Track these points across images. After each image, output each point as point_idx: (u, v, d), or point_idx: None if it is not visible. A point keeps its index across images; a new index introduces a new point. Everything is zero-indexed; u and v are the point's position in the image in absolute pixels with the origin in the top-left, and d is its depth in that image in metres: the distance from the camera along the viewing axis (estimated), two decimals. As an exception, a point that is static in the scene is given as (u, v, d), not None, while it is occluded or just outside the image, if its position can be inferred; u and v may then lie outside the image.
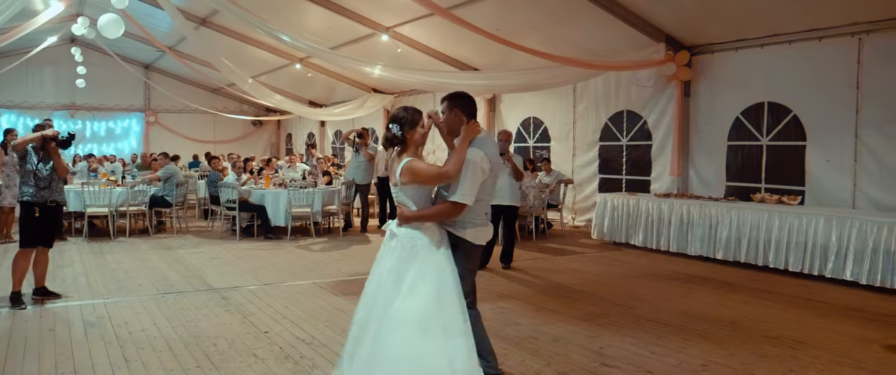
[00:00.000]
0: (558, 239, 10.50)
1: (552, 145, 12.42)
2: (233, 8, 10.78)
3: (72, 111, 19.95)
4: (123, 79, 19.61)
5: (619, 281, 7.39)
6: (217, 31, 15.17)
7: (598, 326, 5.56)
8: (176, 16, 11.07)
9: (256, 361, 4.62)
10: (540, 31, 10.62)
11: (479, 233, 3.84)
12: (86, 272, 6.93)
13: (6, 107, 18.95)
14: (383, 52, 12.93)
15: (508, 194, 8.05)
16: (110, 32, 10.40)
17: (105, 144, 20.54)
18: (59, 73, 18.87)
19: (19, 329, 5.30)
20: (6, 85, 18.72)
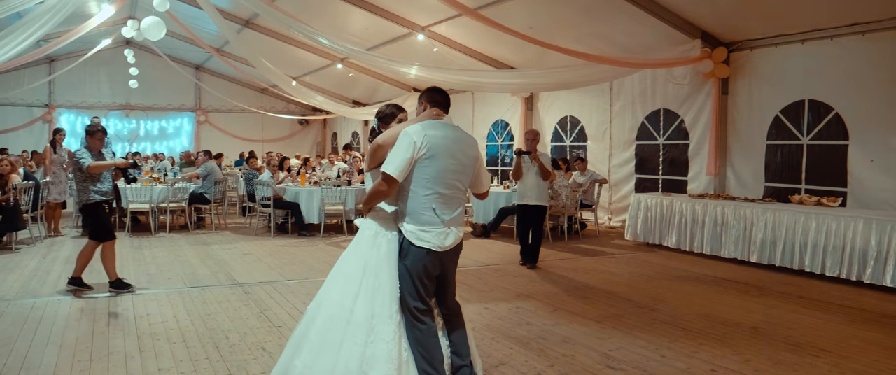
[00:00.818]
0: (591, 240, 10.34)
1: (589, 144, 12.25)
2: (271, 11, 11.03)
3: (126, 111, 20.72)
4: (175, 80, 20.26)
5: (643, 283, 7.23)
6: (260, 32, 15.51)
7: (611, 328, 5.45)
8: (217, 19, 11.39)
9: (263, 354, 4.70)
10: (574, 28, 10.50)
11: (426, 234, 3.49)
12: (121, 265, 7.16)
13: (65, 107, 19.83)
14: (420, 52, 12.99)
15: (535, 194, 8.01)
16: (153, 34, 10.76)
17: (158, 143, 21.26)
18: (114, 75, 19.63)
19: (48, 318, 5.53)
20: (66, 86, 19.60)
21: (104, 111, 20.25)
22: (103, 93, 20.38)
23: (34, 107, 19.38)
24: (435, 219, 3.51)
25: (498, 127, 14.69)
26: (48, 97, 19.66)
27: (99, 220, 6.49)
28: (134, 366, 4.44)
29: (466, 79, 12.19)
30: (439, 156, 3.49)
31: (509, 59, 12.67)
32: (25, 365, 4.43)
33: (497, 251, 9.27)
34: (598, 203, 10.97)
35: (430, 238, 3.51)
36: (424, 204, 3.51)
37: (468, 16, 9.94)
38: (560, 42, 10.68)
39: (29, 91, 18.55)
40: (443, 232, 3.54)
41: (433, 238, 3.51)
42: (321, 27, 13.58)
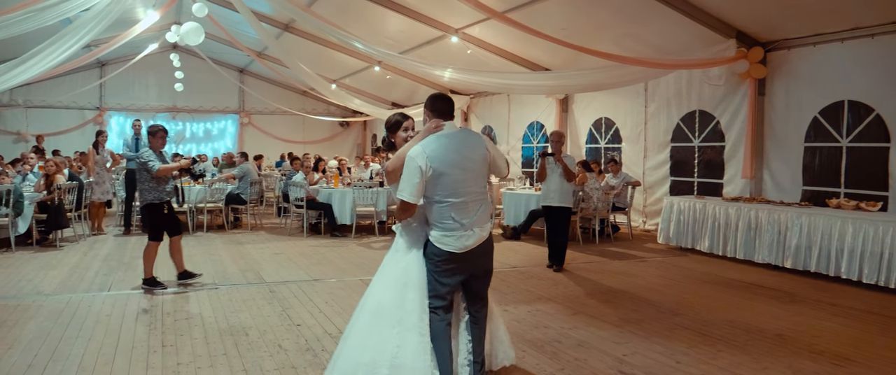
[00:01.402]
0: (623, 243, 10.21)
1: (623, 146, 12.10)
2: (307, 16, 11.24)
3: (173, 113, 21.33)
4: (220, 83, 20.75)
5: (670, 288, 7.12)
6: (300, 36, 15.78)
7: (629, 333, 5.39)
8: (255, 24, 11.66)
9: (279, 351, 4.81)
10: (608, 29, 10.39)
11: (447, 238, 3.69)
12: (157, 264, 7.38)
13: (115, 109, 20.53)
14: (454, 54, 13.03)
15: (558, 195, 8.01)
16: (191, 39, 11.06)
17: (203, 144, 21.82)
18: (161, 78, 20.22)
19: (81, 313, 5.76)
20: (116, 89, 20.29)
21: (152, 113, 20.88)
22: (151, 96, 21.03)
23: (86, 109, 20.11)
24: (455, 225, 3.69)
25: (533, 129, 14.63)
26: (99, 100, 20.38)
27: (152, 221, 6.78)
28: (154, 360, 4.60)
29: (499, 82, 12.19)
30: (446, 171, 3.64)
31: (544, 60, 12.60)
32: (54, 357, 4.63)
33: (525, 253, 9.24)
34: (631, 205, 10.82)
35: (451, 241, 3.69)
36: (444, 213, 3.70)
37: (496, 19, 9.97)
38: (594, 43, 10.59)
39: (81, 94, 19.28)
40: (464, 235, 3.70)
41: (454, 241, 3.69)
42: (358, 31, 13.77)
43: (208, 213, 11.20)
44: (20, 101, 19.17)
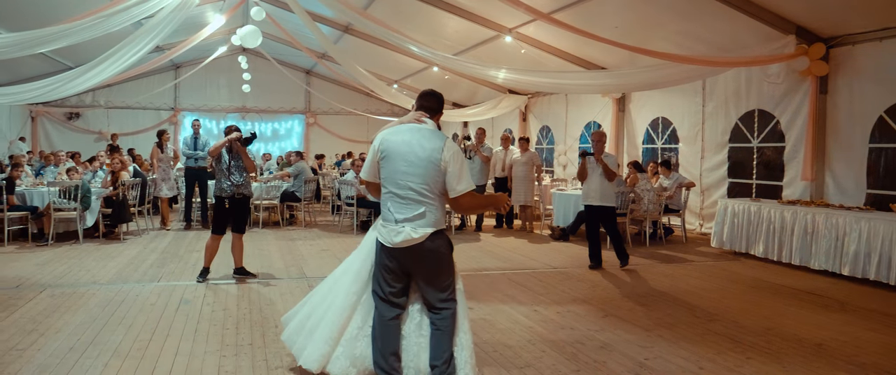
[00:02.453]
0: (675, 246, 9.93)
1: (680, 147, 11.76)
2: (363, 20, 11.45)
3: (243, 113, 22.11)
4: (287, 84, 21.37)
5: (712, 293, 6.88)
6: (361, 38, 16.07)
7: (657, 337, 5.26)
8: (313, 29, 11.98)
9: (302, 344, 4.94)
10: (661, 27, 10.15)
11: (382, 229, 3.76)
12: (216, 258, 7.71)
13: (189, 110, 21.47)
14: (509, 54, 13.00)
15: (598, 194, 7.98)
16: (250, 42, 11.47)
17: (271, 143, 22.52)
18: (232, 79, 21.01)
19: (128, 302, 6.09)
20: (189, 90, 21.23)
21: (223, 113, 21.74)
22: (222, 97, 21.87)
23: (162, 110, 21.13)
24: (389, 216, 3.75)
25: (590, 129, 14.40)
26: (174, 101, 21.37)
27: (216, 214, 7.11)
28: (184, 347, 4.82)
29: (552, 81, 12.08)
30: (391, 158, 3.74)
31: (599, 58, 12.39)
32: (94, 342, 4.92)
33: (569, 255, 9.13)
34: (685, 208, 10.50)
35: (383, 233, 3.76)
36: (385, 202, 3.81)
37: (542, 20, 9.89)
38: (648, 41, 10.40)
39: (157, 95, 20.28)
40: (394, 230, 3.70)
41: (386, 233, 3.74)
42: (414, 32, 13.93)
43: (264, 210, 11.58)
44: (101, 102, 20.34)
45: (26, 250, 8.72)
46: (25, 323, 5.37)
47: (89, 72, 10.81)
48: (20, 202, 9.23)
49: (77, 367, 4.39)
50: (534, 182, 11.50)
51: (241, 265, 7.24)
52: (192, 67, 19.29)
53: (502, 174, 11.75)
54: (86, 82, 11.08)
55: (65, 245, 9.10)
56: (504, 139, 12.14)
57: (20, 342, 4.90)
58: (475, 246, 9.75)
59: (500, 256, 8.95)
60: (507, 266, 8.24)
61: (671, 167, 10.77)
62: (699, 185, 11.08)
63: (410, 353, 3.88)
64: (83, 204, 9.16)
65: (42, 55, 14.02)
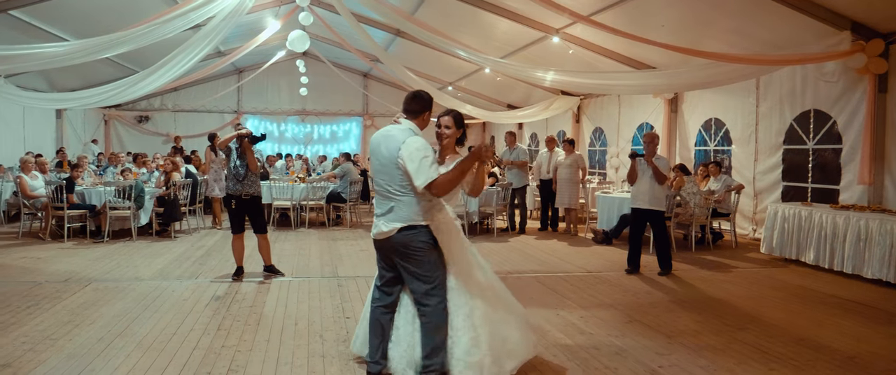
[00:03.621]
0: (722, 252, 9.58)
1: (733, 149, 11.33)
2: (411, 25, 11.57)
3: (302, 116, 22.67)
4: (345, 87, 21.77)
5: (749, 301, 6.60)
6: (413, 41, 16.20)
7: (679, 344, 5.09)
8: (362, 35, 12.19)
9: (318, 341, 5.05)
10: (709, 25, 9.84)
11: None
12: (248, 255, 7.96)
13: (251, 112, 22.18)
14: (558, 54, 12.84)
15: (647, 197, 7.83)
16: (298, 46, 11.76)
17: (329, 145, 23.00)
18: (292, 83, 21.57)
19: (163, 297, 6.35)
20: (251, 94, 21.94)
21: (283, 116, 22.34)
22: (282, 100, 22.48)
23: (225, 113, 21.90)
24: (375, 210, 4.12)
25: (643, 130, 14.06)
26: (237, 104, 22.12)
27: (228, 213, 7.32)
28: (204, 341, 4.99)
29: (599, 82, 11.86)
30: (372, 157, 4.05)
31: (650, 58, 12.07)
32: (123, 334, 5.16)
33: (608, 258, 8.94)
34: (735, 212, 10.12)
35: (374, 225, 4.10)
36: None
37: (583, 22, 9.75)
38: (696, 40, 10.10)
39: (220, 99, 21.02)
40: (375, 223, 4.08)
41: (374, 226, 4.09)
42: (463, 34, 13.97)
43: (311, 211, 11.83)
44: (169, 106, 21.26)
45: (83, 246, 9.21)
46: (64, 315, 5.67)
47: (149, 76, 11.34)
48: (79, 201, 9.75)
49: (101, 357, 4.61)
50: (578, 184, 11.31)
51: (269, 263, 7.41)
52: (254, 71, 19.91)
53: (547, 176, 11.62)
54: (146, 86, 11.62)
55: (119, 242, 9.56)
56: (549, 141, 12.00)
57: (55, 331, 5.19)
58: (514, 249, 9.68)
59: (537, 259, 8.85)
60: (541, 269, 8.15)
61: (721, 169, 10.40)
62: (752, 189, 10.65)
63: (403, 345, 4.07)
64: (137, 204, 9.60)
65: (111, 61, 14.80)
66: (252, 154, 7.07)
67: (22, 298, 6.22)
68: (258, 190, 7.25)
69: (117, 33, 9.71)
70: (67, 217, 9.45)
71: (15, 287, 6.69)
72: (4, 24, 10.74)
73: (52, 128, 17.23)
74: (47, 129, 17.00)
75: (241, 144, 7.05)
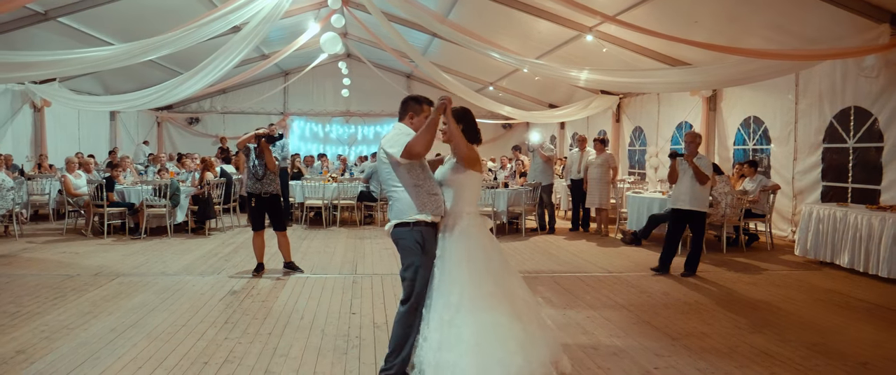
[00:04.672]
0: (755, 253, 9.28)
1: (772, 148, 10.96)
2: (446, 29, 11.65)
3: (346, 117, 23.00)
4: (388, 88, 21.94)
5: (771, 304, 6.38)
6: (450, 42, 16.24)
7: (682, 346, 4.98)
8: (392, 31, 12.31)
9: (318, 335, 5.14)
10: (743, 19, 9.53)
11: None
12: (274, 252, 8.13)
13: (297, 114, 22.64)
14: (591, 53, 12.67)
15: (688, 198, 7.70)
16: (329, 48, 11.95)
17: (373, 146, 23.21)
18: (336, 84, 21.89)
19: (183, 291, 6.57)
20: (297, 95, 22.41)
21: (328, 117, 22.72)
22: (327, 101, 22.86)
23: (272, 114, 22.40)
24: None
25: (682, 129, 13.74)
26: (283, 105, 22.63)
27: (248, 211, 7.52)
28: (210, 333, 5.15)
29: (633, 81, 11.68)
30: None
31: (685, 54, 11.75)
32: (136, 325, 5.37)
33: (634, 259, 8.78)
34: (771, 212, 9.78)
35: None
36: None
37: (610, 22, 9.61)
38: (730, 35, 9.83)
39: (268, 100, 21.52)
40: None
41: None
42: (498, 35, 13.97)
43: (344, 210, 12.01)
44: (218, 108, 21.90)
45: (121, 242, 9.60)
46: (86, 306, 5.94)
47: (190, 79, 11.75)
48: (119, 199, 10.17)
49: (109, 346, 4.82)
50: (609, 184, 11.14)
51: (289, 259, 7.57)
52: (299, 73, 20.32)
53: (578, 176, 11.49)
54: (188, 89, 12.03)
55: (155, 239, 9.92)
56: (580, 140, 11.87)
57: (73, 321, 5.44)
58: (539, 249, 9.61)
59: (560, 259, 8.77)
60: (561, 268, 8.07)
61: (757, 168, 10.08)
62: (791, 189, 10.28)
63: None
64: (172, 202, 9.94)
65: (159, 64, 15.37)
66: (270, 153, 7.24)
67: (51, 290, 6.54)
68: (277, 189, 7.42)
69: (158, 37, 10.08)
70: (107, 214, 9.86)
71: (48, 279, 7.04)
72: (54, 30, 11.27)
73: (106, 130, 17.99)
74: (102, 131, 17.77)
75: (259, 144, 7.23)
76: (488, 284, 3.95)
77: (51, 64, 9.94)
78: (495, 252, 4.12)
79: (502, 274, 4.09)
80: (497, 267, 4.08)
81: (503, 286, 4.03)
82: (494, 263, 4.06)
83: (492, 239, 4.20)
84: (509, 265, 4.27)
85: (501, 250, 4.25)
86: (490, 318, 3.79)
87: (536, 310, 4.24)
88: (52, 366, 4.40)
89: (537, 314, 4.20)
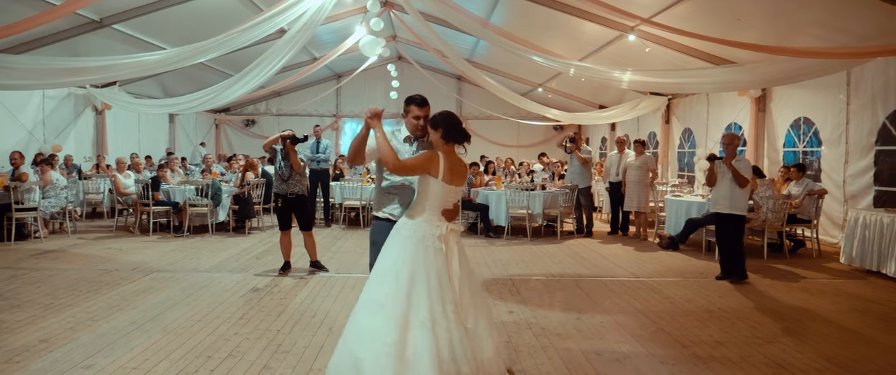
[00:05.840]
0: (799, 260, 8.89)
1: (822, 150, 10.48)
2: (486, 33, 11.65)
3: (398, 119, 23.16)
4: (438, 91, 22.07)
5: (799, 313, 6.11)
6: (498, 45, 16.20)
7: (691, 354, 4.83)
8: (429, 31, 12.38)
9: (324, 333, 5.23)
10: (789, 15, 9.15)
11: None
12: (303, 253, 8.31)
13: (349, 116, 23.04)
14: (634, 53, 12.41)
15: (727, 201, 7.53)
16: (369, 51, 12.10)
17: (423, 148, 23.39)
18: (387, 87, 22.09)
19: (208, 287, 6.80)
20: (349, 97, 22.81)
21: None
22: (378, 104, 22.80)
23: (324, 116, 22.86)
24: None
25: (732, 130, 13.29)
26: (336, 108, 23.06)
27: (275, 211, 7.72)
28: (222, 329, 5.31)
29: (675, 81, 11.39)
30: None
31: (730, 53, 11.38)
32: (155, 319, 5.59)
33: (667, 264, 8.55)
34: (817, 217, 9.35)
35: None
36: None
37: (646, 24, 9.40)
38: (776, 32, 9.45)
39: (321, 103, 21.96)
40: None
41: None
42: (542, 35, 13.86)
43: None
44: (274, 110, 22.50)
45: (164, 240, 9.99)
46: (115, 299, 6.22)
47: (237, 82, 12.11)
48: (165, 198, 10.59)
49: (126, 338, 5.03)
50: (648, 186, 10.89)
51: (315, 259, 7.71)
52: (350, 76, 20.66)
53: (616, 178, 11.27)
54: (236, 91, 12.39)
55: (197, 237, 10.29)
56: (619, 142, 11.63)
57: (99, 314, 5.71)
58: (570, 252, 9.47)
59: (590, 262, 8.63)
60: (588, 272, 7.94)
61: (804, 171, 9.65)
62: (842, 193, 9.80)
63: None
64: (214, 201, 10.29)
65: (213, 68, 15.93)
66: (295, 154, 7.41)
67: (88, 283, 6.88)
68: (303, 190, 7.58)
69: (205, 41, 10.45)
70: (152, 213, 10.29)
71: (87, 273, 7.40)
72: (111, 37, 11.82)
73: (165, 132, 18.75)
74: (161, 133, 18.53)
75: (285, 146, 7.40)
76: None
77: (104, 68, 10.43)
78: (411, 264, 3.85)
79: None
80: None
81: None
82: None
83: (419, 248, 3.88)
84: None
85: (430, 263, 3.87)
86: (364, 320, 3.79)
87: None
88: (68, 355, 4.63)
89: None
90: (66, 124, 14.05)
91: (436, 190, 3.92)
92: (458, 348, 3.70)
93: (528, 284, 7.22)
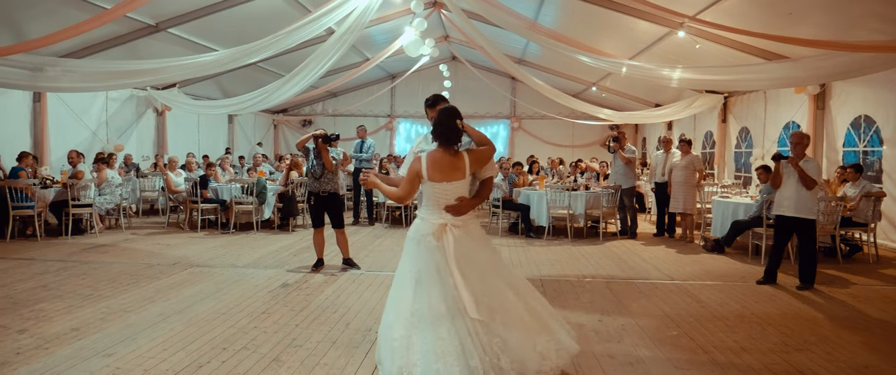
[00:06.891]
0: (853, 266, 8.44)
1: (884, 149, 9.91)
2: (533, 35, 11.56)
3: (431, 121, 23.28)
4: (492, 90, 22.04)
5: (836, 320, 5.80)
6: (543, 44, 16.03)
7: (710, 360, 4.66)
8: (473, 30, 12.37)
9: (340, 329, 5.30)
10: (843, 8, 8.69)
11: None
12: (337, 250, 8.41)
13: (403, 116, 23.25)
14: (685, 50, 12.05)
15: (792, 204, 7.21)
16: (412, 51, 12.17)
17: (474, 147, 23.37)
18: (440, 87, 22.21)
19: (240, 282, 6.98)
20: (403, 98, 23.03)
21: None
22: (420, 106, 23.26)
23: (379, 116, 23.17)
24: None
25: (789, 130, 12.74)
26: (390, 108, 23.31)
27: (309, 209, 7.87)
28: (243, 322, 5.45)
29: (727, 78, 10.95)
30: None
31: (783, 47, 10.91)
32: (182, 311, 5.78)
33: (708, 268, 8.26)
34: (876, 221, 8.84)
35: None
36: None
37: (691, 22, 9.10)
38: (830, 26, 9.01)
39: (375, 103, 22.26)
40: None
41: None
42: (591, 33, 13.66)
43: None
44: (329, 111, 22.93)
45: (211, 237, 10.32)
46: (150, 292, 6.47)
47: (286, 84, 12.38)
48: (213, 196, 10.94)
49: (152, 328, 5.23)
50: (695, 187, 10.54)
51: (347, 256, 7.81)
52: (403, 76, 20.87)
53: (662, 179, 10.97)
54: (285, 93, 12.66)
55: (242, 234, 10.59)
56: (665, 141, 11.31)
57: (132, 305, 5.95)
58: (609, 253, 9.27)
59: (627, 264, 8.43)
60: (622, 274, 7.76)
61: (862, 172, 9.16)
62: (903, 196, 9.26)
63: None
64: (259, 199, 10.57)
65: (267, 69, 16.36)
66: (327, 153, 7.53)
67: (128, 276, 7.18)
68: (335, 188, 7.69)
69: (256, 42, 10.74)
70: (200, 210, 10.65)
71: (130, 267, 7.73)
72: (165, 40, 12.31)
73: (224, 132, 19.37)
74: (220, 133, 19.15)
75: (317, 144, 7.53)
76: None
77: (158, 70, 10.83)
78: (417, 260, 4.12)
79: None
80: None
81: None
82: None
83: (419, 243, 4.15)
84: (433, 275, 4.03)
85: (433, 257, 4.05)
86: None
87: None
88: (95, 343, 4.85)
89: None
90: (128, 125, 14.71)
91: (426, 190, 4.16)
92: (467, 341, 3.80)
93: (558, 285, 7.11)
